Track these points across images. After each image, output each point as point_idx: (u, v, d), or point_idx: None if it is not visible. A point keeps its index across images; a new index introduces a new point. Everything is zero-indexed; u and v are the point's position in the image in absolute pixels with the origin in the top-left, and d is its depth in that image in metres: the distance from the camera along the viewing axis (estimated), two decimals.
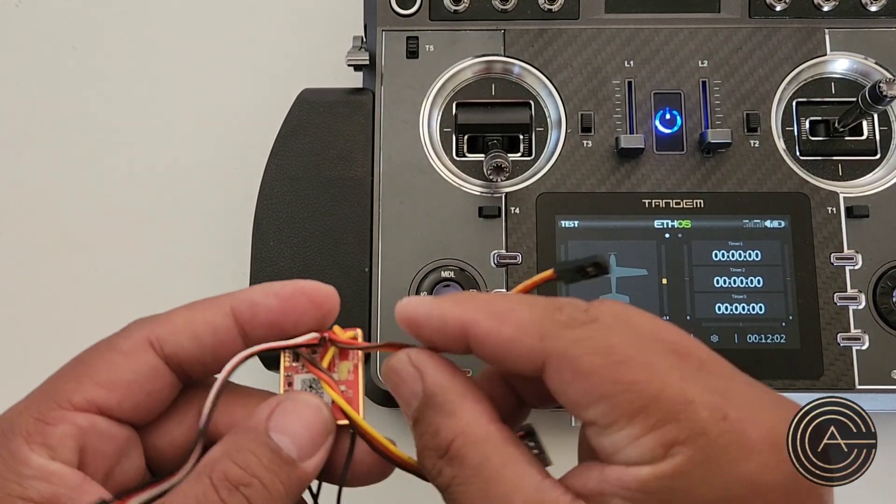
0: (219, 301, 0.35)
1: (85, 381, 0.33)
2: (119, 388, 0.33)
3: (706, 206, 0.61)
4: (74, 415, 0.32)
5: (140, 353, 0.34)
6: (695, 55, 0.64)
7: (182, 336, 0.34)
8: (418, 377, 0.33)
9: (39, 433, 0.31)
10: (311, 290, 0.36)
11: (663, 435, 0.29)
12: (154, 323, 0.35)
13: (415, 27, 0.64)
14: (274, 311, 0.35)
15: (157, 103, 0.76)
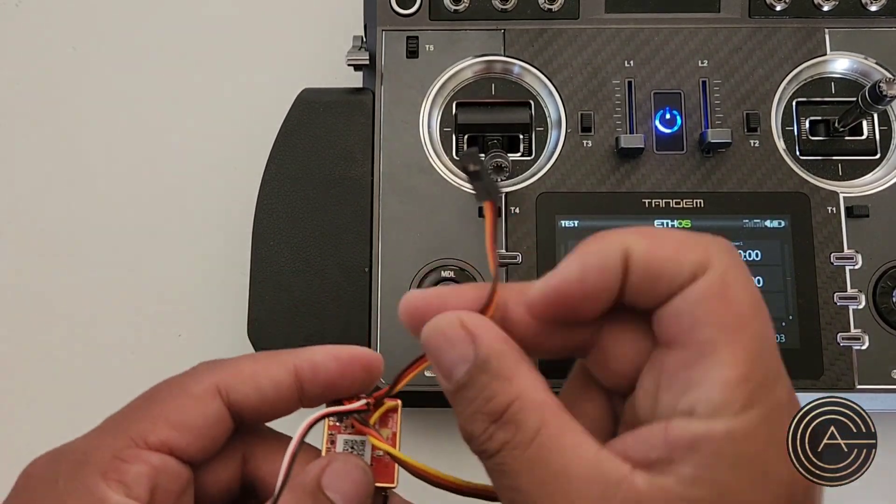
0: (282, 358, 0.38)
1: (160, 423, 0.35)
2: (190, 432, 0.35)
3: (706, 205, 0.61)
4: (149, 454, 0.34)
5: (209, 399, 0.36)
6: (695, 55, 0.64)
7: (247, 387, 0.37)
8: (470, 340, 0.32)
9: (116, 470, 0.33)
10: (365, 358, 0.38)
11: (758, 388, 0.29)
12: (222, 370, 0.37)
13: (415, 27, 0.64)
14: (332, 373, 0.38)
15: (157, 103, 0.76)
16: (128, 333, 0.70)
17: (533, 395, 0.31)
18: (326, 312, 0.60)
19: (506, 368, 0.31)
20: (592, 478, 0.29)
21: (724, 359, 0.29)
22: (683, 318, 0.30)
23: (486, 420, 0.31)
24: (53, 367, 0.68)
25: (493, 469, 0.31)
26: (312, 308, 0.60)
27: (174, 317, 0.70)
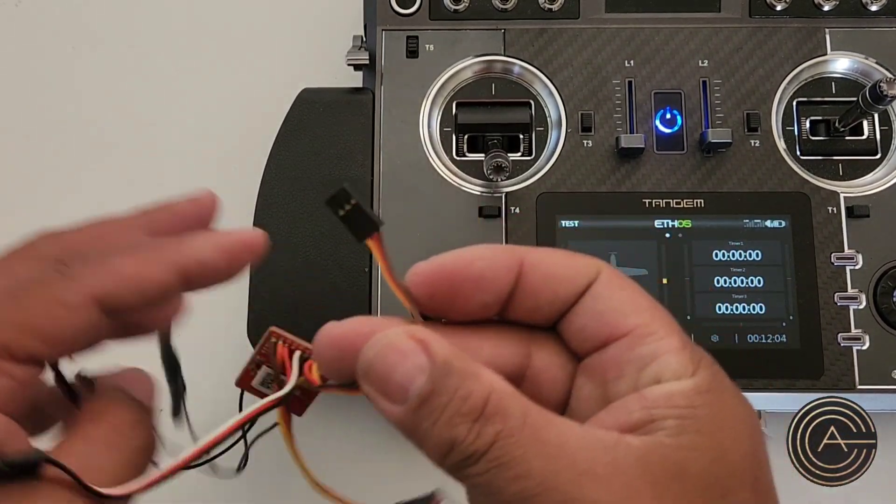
0: (166, 257, 0.34)
1: (27, 334, 0.31)
2: (62, 346, 0.32)
3: (706, 205, 0.61)
4: (12, 367, 0.31)
5: (85, 309, 0.32)
6: (695, 55, 0.64)
7: (129, 293, 0.33)
8: (421, 350, 0.29)
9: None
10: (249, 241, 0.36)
11: (693, 351, 0.31)
12: (99, 274, 0.33)
13: (415, 27, 0.64)
14: (220, 268, 0.35)
15: (157, 103, 0.76)
16: None
17: (504, 385, 0.30)
18: (326, 312, 0.60)
19: (469, 365, 0.30)
20: (591, 444, 0.29)
21: (662, 334, 0.31)
22: (605, 315, 0.32)
23: (468, 420, 0.29)
24: None
25: (487, 469, 0.28)
26: (312, 308, 0.60)
27: None
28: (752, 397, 0.58)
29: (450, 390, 0.29)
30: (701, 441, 0.29)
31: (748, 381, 0.58)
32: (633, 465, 0.28)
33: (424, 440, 0.29)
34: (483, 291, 0.32)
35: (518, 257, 0.32)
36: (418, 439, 0.29)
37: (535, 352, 0.34)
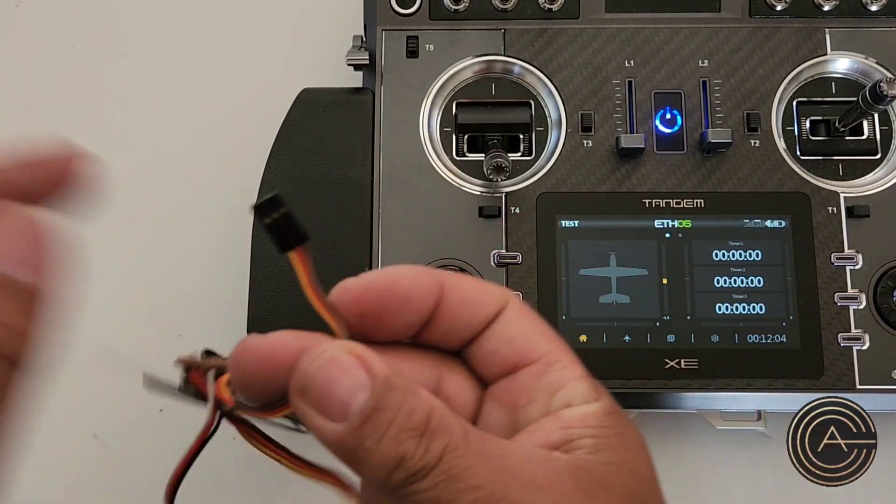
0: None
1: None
2: None
3: (706, 205, 0.61)
4: None
5: None
6: (695, 55, 0.64)
7: None
8: (360, 365, 0.29)
9: None
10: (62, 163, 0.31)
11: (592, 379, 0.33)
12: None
13: (415, 27, 0.64)
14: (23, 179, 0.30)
15: (157, 103, 0.76)
16: (128, 334, 0.70)
17: (440, 402, 0.30)
18: None
19: (408, 383, 0.29)
20: (529, 458, 0.30)
21: (567, 362, 0.33)
22: (516, 341, 0.34)
23: (415, 435, 0.29)
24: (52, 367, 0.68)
25: (436, 484, 0.28)
26: (312, 308, 0.60)
27: (174, 317, 0.70)
28: (752, 397, 0.58)
29: (394, 406, 0.29)
30: (616, 457, 0.31)
31: (748, 381, 0.58)
32: (567, 477, 0.30)
33: (367, 458, 0.28)
34: (408, 311, 0.33)
35: (439, 280, 0.34)
36: (360, 458, 0.29)
37: (445, 375, 0.35)
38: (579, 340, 0.59)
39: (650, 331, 0.59)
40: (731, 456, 0.65)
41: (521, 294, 0.59)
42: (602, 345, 0.59)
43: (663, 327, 0.59)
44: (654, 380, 0.58)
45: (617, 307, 0.59)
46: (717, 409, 0.60)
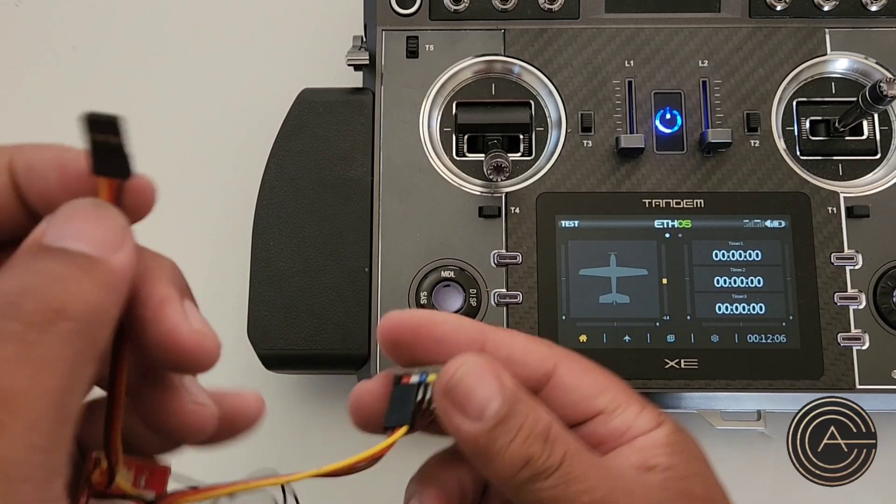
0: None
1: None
2: None
3: (706, 205, 0.61)
4: None
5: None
6: (695, 55, 0.64)
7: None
8: (495, 377, 0.33)
9: None
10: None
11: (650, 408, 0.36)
12: None
13: (415, 27, 0.64)
14: (51, 184, 0.29)
15: (157, 103, 0.76)
16: None
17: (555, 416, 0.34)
18: (326, 312, 0.60)
19: (532, 397, 0.33)
20: (626, 471, 0.34)
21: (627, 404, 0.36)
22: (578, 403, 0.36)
23: (541, 440, 0.32)
24: None
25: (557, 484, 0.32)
26: (312, 308, 0.60)
27: None
28: (752, 397, 0.58)
29: (522, 414, 0.32)
30: (689, 470, 0.35)
31: (748, 381, 0.58)
32: (656, 489, 0.33)
33: (497, 456, 0.32)
34: (441, 354, 0.35)
35: (483, 333, 0.36)
36: (490, 456, 0.32)
37: None
38: (579, 340, 0.59)
39: (650, 331, 0.59)
40: (732, 456, 0.65)
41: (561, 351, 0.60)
42: (602, 345, 0.59)
43: (663, 327, 0.59)
44: (654, 380, 0.58)
45: (617, 307, 0.59)
46: (718, 410, 0.60)
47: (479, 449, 0.32)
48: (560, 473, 0.32)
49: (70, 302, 0.24)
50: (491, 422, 0.32)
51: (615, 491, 0.32)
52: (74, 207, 0.27)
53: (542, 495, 0.32)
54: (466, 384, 0.33)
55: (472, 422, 0.32)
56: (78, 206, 0.27)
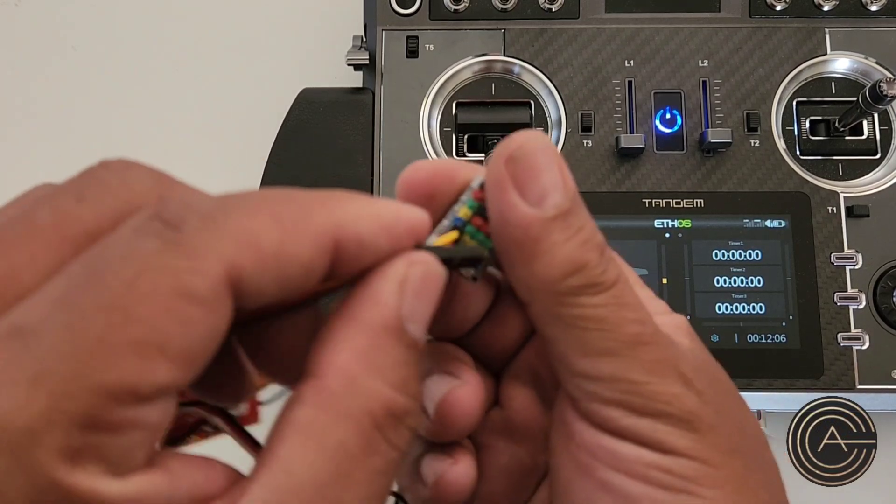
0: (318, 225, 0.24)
1: (152, 357, 0.19)
2: (195, 364, 0.21)
3: (706, 205, 0.61)
4: (143, 412, 0.20)
5: (222, 303, 0.21)
6: (695, 55, 0.64)
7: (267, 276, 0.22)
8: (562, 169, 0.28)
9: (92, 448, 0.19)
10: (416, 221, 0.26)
11: None
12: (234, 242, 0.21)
13: (415, 26, 0.64)
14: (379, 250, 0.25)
15: (157, 103, 0.76)
16: None
17: None
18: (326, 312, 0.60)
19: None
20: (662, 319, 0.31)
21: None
22: None
23: (599, 250, 0.28)
24: None
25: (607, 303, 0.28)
26: None
27: None
28: (752, 397, 0.58)
29: (583, 217, 0.28)
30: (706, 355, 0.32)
31: (748, 380, 0.58)
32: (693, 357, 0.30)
33: (550, 252, 0.27)
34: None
35: None
36: (541, 250, 0.27)
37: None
38: None
39: None
40: None
41: None
42: None
43: None
44: None
45: None
46: None
47: (528, 238, 0.27)
48: (613, 293, 0.28)
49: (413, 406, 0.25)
50: (552, 210, 0.27)
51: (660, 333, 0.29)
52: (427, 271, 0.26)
53: (586, 312, 0.28)
54: (535, 161, 0.28)
55: (529, 206, 0.27)
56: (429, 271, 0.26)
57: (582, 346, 0.28)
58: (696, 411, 0.28)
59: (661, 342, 0.29)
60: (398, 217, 0.25)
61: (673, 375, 0.28)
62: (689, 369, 0.29)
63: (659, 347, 0.29)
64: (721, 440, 0.29)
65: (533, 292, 0.28)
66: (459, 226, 0.28)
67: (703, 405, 0.29)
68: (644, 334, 0.28)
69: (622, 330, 0.28)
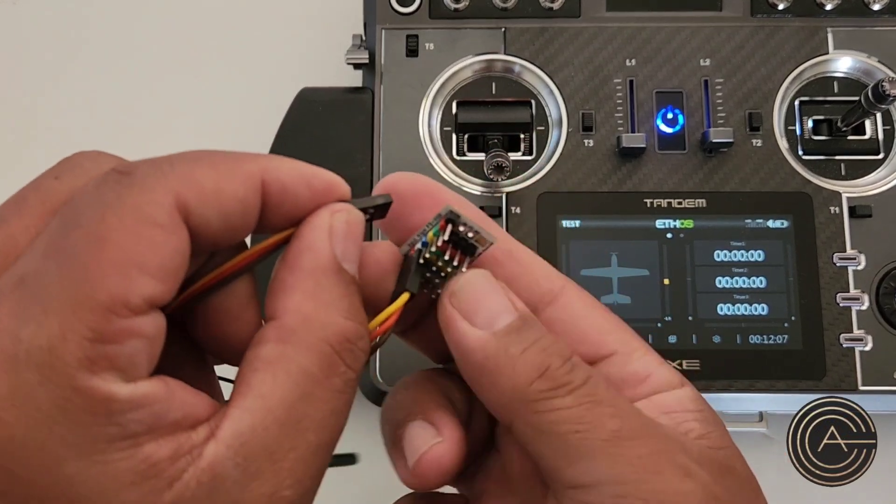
0: (247, 169, 0.29)
1: (134, 275, 0.23)
2: (169, 277, 0.25)
3: (708, 205, 0.61)
4: (139, 321, 0.24)
5: (176, 226, 0.25)
6: (697, 54, 0.64)
7: (210, 210, 0.26)
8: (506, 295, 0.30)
9: (103, 357, 0.23)
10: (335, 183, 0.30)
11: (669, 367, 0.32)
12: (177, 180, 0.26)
13: (414, 25, 0.64)
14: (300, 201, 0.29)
15: (156, 102, 0.76)
16: None
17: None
18: None
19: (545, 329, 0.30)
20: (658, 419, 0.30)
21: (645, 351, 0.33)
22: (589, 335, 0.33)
23: (561, 357, 0.29)
24: None
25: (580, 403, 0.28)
26: None
27: None
28: (753, 398, 0.58)
29: (538, 331, 0.29)
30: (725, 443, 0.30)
31: (750, 382, 0.57)
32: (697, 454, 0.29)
33: (509, 364, 0.28)
34: None
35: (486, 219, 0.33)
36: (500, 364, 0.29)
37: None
38: None
39: (651, 332, 0.58)
40: None
41: None
42: None
43: (665, 328, 0.58)
44: None
45: (618, 308, 0.59)
46: (719, 411, 0.59)
47: (486, 358, 0.29)
48: (585, 391, 0.28)
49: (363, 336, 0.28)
50: (503, 330, 0.29)
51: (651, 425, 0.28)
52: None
53: (559, 416, 0.28)
54: (476, 290, 0.30)
55: (477, 329, 0.29)
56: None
57: (565, 453, 0.28)
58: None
59: (652, 433, 0.28)
60: (316, 173, 0.29)
61: (670, 468, 0.27)
62: (691, 459, 0.28)
63: (649, 440, 0.28)
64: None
65: (507, 408, 0.29)
66: (424, 245, 0.31)
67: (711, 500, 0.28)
68: (625, 429, 0.28)
69: (602, 427, 0.27)
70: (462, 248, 0.31)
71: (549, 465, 0.28)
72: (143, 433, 0.23)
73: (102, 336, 0.23)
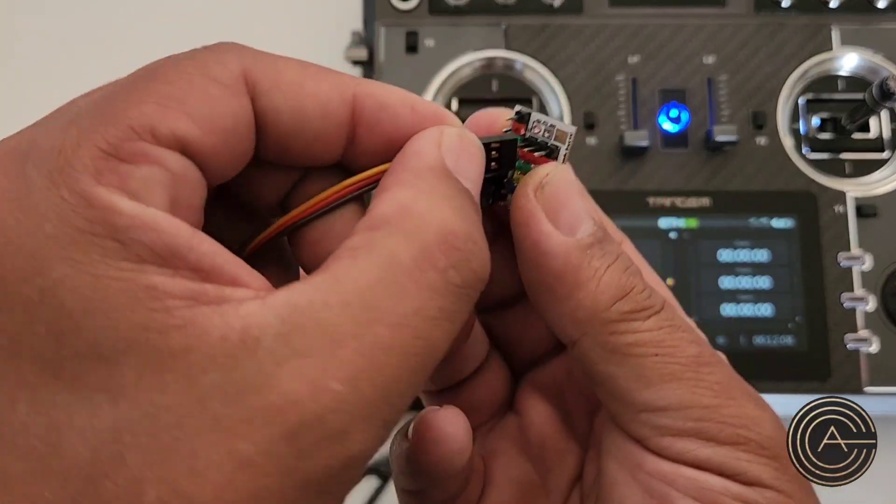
0: (343, 80, 0.26)
1: (171, 108, 0.22)
2: (214, 131, 0.23)
3: (712, 204, 0.60)
4: (162, 152, 0.22)
5: (238, 92, 0.24)
6: (700, 51, 0.63)
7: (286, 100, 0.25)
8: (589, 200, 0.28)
9: (114, 172, 0.21)
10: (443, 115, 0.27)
11: None
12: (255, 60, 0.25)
13: (414, 21, 0.64)
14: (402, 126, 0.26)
15: None
16: None
17: None
18: None
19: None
20: None
21: None
22: None
23: (639, 276, 0.28)
24: None
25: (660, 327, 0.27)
26: None
27: None
28: None
29: (616, 245, 0.28)
30: None
31: (755, 383, 0.57)
32: None
33: (592, 279, 0.27)
34: None
35: None
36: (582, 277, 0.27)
37: None
38: None
39: None
40: None
41: None
42: None
43: None
44: None
45: None
46: None
47: (569, 267, 0.27)
48: (664, 316, 0.27)
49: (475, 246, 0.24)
50: (587, 238, 0.27)
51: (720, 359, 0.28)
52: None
53: (641, 337, 0.27)
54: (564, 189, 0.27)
55: (561, 234, 0.27)
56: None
57: (643, 375, 0.27)
58: (775, 437, 0.28)
59: (724, 362, 0.28)
60: (424, 100, 0.26)
61: (744, 395, 0.28)
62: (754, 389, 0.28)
63: (724, 367, 0.28)
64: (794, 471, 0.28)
65: (581, 325, 0.27)
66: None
67: (780, 430, 0.28)
68: (703, 355, 0.27)
69: (682, 352, 0.27)
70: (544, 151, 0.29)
71: (620, 387, 0.27)
72: (148, 260, 0.21)
73: (117, 151, 0.21)
